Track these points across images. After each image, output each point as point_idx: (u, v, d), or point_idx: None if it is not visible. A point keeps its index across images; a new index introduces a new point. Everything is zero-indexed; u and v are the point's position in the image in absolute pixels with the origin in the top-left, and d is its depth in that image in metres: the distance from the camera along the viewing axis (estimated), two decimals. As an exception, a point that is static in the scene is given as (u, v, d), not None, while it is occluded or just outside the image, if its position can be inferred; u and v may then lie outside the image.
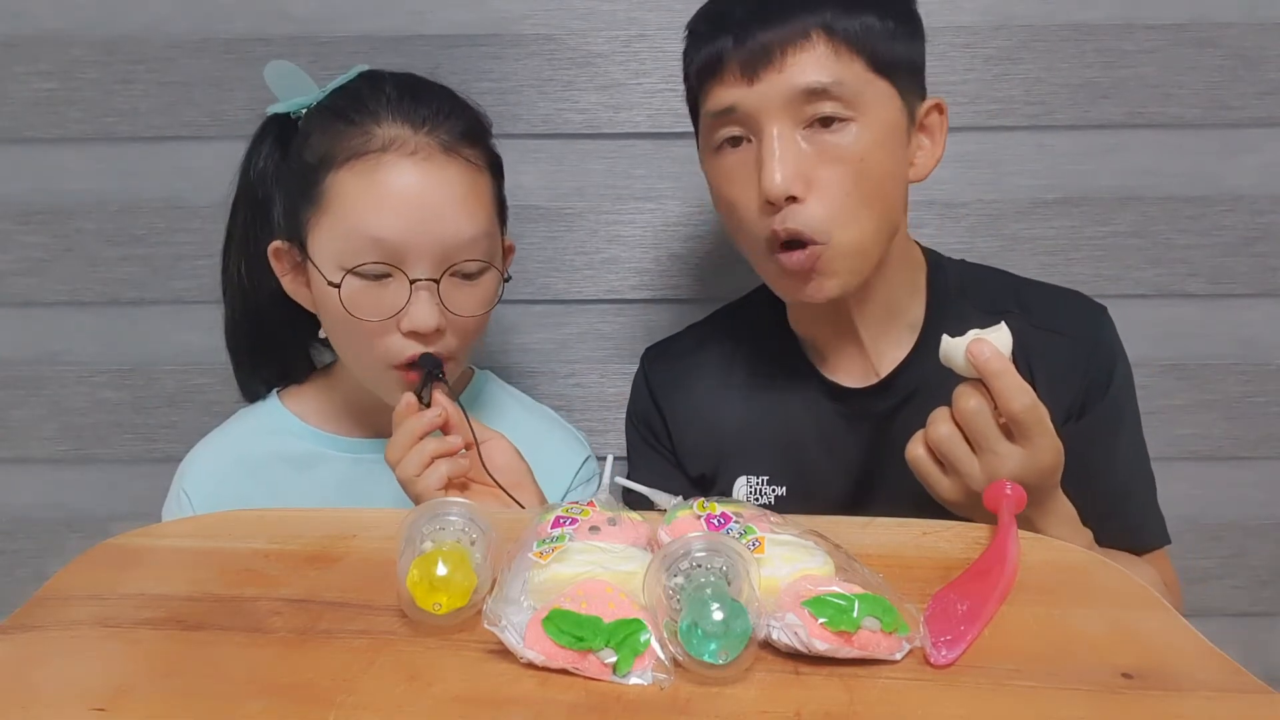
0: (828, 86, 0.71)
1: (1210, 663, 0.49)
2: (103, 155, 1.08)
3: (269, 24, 1.05)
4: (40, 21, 1.05)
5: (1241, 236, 1.08)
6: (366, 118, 0.77)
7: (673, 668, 0.47)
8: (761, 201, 0.73)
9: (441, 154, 0.77)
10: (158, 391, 1.13)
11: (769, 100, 0.71)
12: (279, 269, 0.84)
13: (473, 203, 0.79)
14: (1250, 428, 1.12)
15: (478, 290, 0.81)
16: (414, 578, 0.51)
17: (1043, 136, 1.06)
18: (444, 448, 0.73)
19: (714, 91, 0.75)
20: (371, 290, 0.76)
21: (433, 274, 0.76)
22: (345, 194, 0.76)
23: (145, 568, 0.59)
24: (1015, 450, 0.64)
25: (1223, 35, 1.04)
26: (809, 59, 0.71)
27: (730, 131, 0.75)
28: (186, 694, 0.47)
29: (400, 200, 0.75)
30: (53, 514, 1.16)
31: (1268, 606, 1.15)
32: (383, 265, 0.76)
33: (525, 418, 0.96)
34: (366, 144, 0.76)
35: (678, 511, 0.59)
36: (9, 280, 1.11)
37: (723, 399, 0.90)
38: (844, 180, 0.72)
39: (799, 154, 0.72)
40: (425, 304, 0.76)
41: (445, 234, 0.76)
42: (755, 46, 0.71)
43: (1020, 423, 0.63)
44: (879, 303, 0.81)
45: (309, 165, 0.78)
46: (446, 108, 0.80)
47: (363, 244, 0.75)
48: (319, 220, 0.78)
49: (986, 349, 0.63)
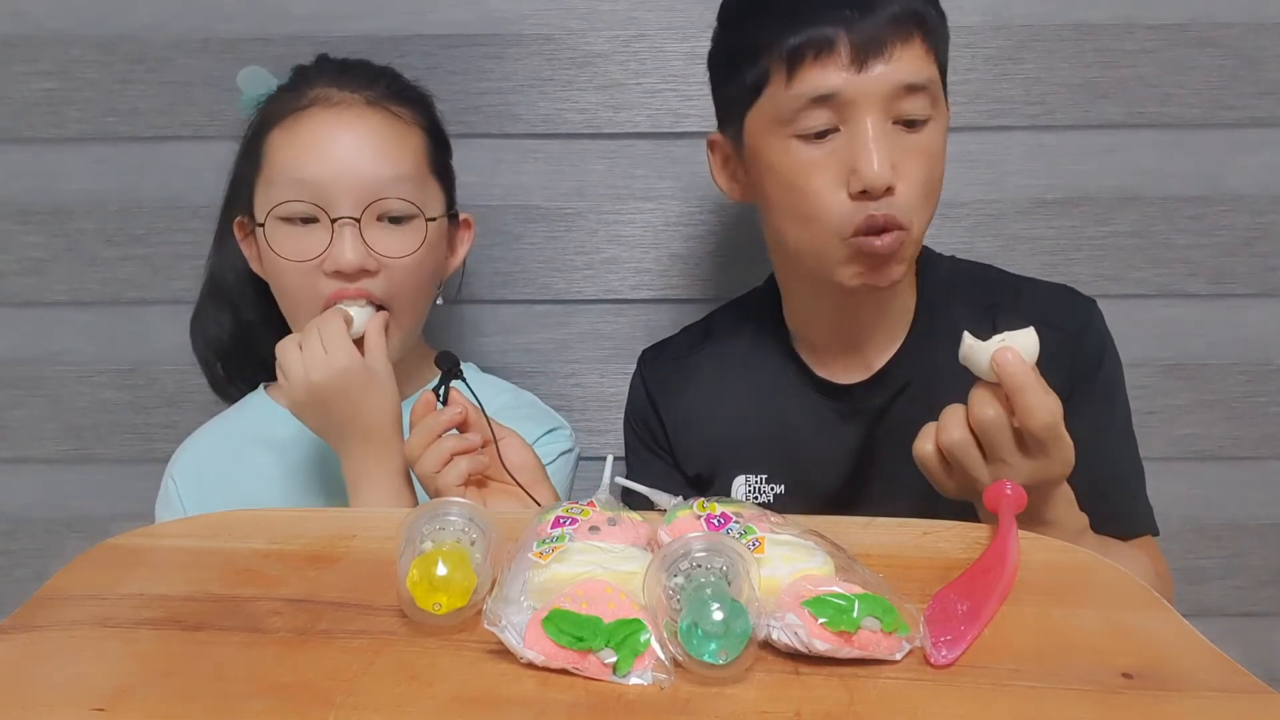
0: (925, 84, 0.73)
1: (1210, 663, 0.49)
2: (103, 155, 1.08)
3: (269, 24, 1.05)
4: (40, 21, 1.05)
5: (1241, 236, 1.08)
6: (302, 84, 0.84)
7: (673, 668, 0.47)
8: (855, 190, 0.73)
9: (364, 105, 0.83)
10: (157, 391, 1.13)
11: (874, 90, 0.72)
12: (243, 246, 0.88)
13: (394, 147, 0.83)
14: (1250, 428, 1.12)
15: (404, 234, 0.83)
16: (414, 578, 0.51)
17: (1043, 136, 1.06)
18: (463, 444, 0.73)
19: (812, 74, 0.72)
20: (298, 234, 0.81)
21: (353, 213, 0.80)
22: (275, 148, 0.82)
23: (145, 568, 0.59)
24: (1028, 463, 0.64)
25: (1223, 35, 1.04)
26: (911, 55, 0.72)
27: (821, 118, 0.73)
28: (186, 694, 0.47)
29: (320, 143, 0.81)
30: (53, 514, 1.16)
31: (1268, 606, 1.15)
32: (306, 205, 0.80)
33: (500, 392, 0.96)
34: (296, 102, 0.82)
35: (678, 511, 0.59)
36: (9, 280, 1.11)
37: (719, 399, 0.90)
38: (923, 174, 0.74)
39: (893, 146, 0.73)
40: (347, 240, 0.79)
41: (364, 172, 0.80)
42: (869, 33, 0.71)
43: (1039, 440, 0.63)
44: (880, 299, 0.82)
45: (252, 133, 0.84)
46: (377, 76, 0.85)
47: (287, 187, 0.80)
48: (259, 181, 0.83)
49: (1013, 360, 0.62)
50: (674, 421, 0.92)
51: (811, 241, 0.77)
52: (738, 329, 0.93)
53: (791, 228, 0.78)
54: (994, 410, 0.63)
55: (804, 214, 0.76)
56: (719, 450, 0.89)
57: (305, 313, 0.81)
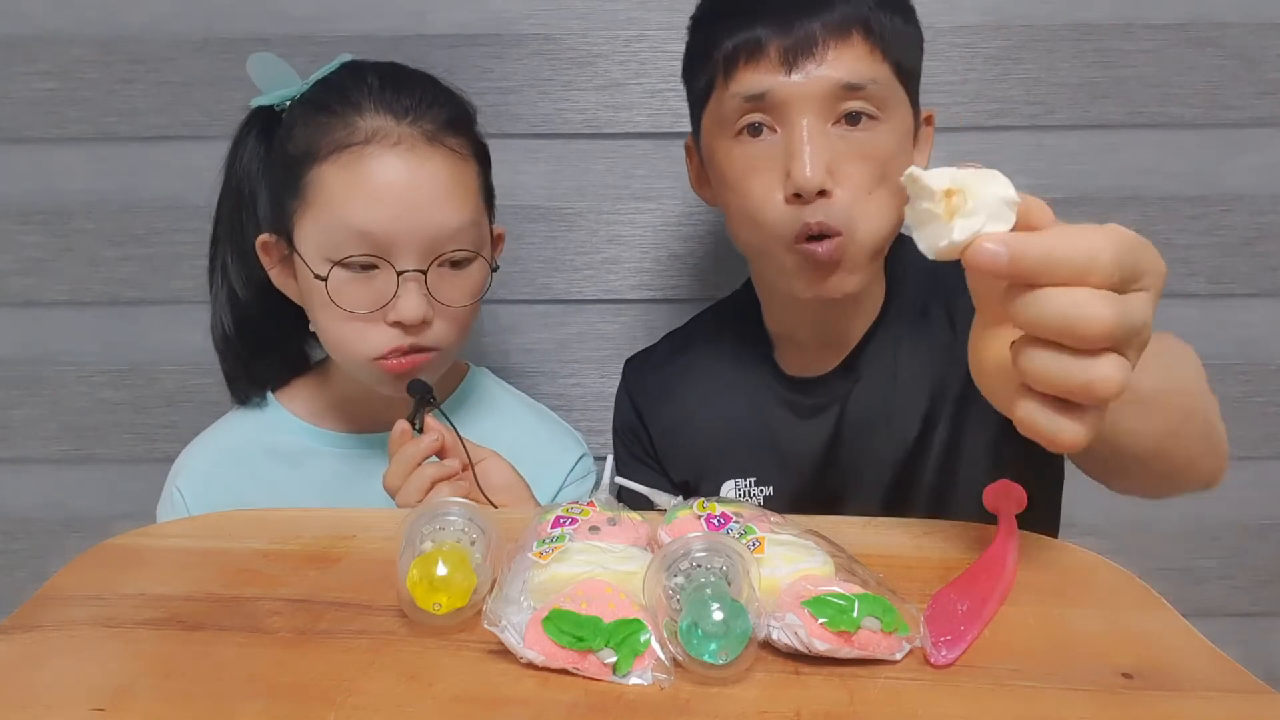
0: (865, 85, 0.71)
1: (1210, 663, 0.49)
2: (102, 155, 1.08)
3: (269, 24, 1.05)
4: (40, 21, 1.05)
5: (1241, 236, 1.08)
6: (349, 109, 0.77)
7: (673, 668, 0.47)
8: (789, 193, 0.72)
9: (425, 144, 0.78)
10: (157, 391, 1.13)
11: (805, 91, 0.71)
12: (267, 262, 0.84)
13: (458, 192, 0.79)
14: (1250, 428, 1.12)
15: (465, 280, 0.81)
16: (414, 578, 0.51)
17: (1043, 136, 1.06)
18: (443, 471, 0.73)
19: (746, 75, 0.73)
20: (358, 282, 0.77)
21: (420, 265, 0.77)
22: (329, 187, 0.76)
23: (145, 568, 0.59)
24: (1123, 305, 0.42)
25: (1223, 35, 1.04)
26: (849, 55, 0.71)
27: (754, 118, 0.73)
28: (186, 694, 0.47)
29: (384, 192, 0.76)
30: (52, 514, 1.16)
31: (1268, 606, 1.15)
32: (369, 257, 0.76)
33: (522, 413, 0.97)
34: (350, 136, 0.76)
35: (678, 511, 0.59)
36: (9, 280, 1.11)
37: (702, 404, 0.90)
38: (868, 178, 0.72)
39: (829, 148, 0.71)
40: (413, 295, 0.77)
41: (431, 225, 0.77)
42: (799, 35, 0.70)
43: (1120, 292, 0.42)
44: (857, 301, 0.82)
45: (293, 158, 0.79)
46: (429, 97, 0.80)
47: (348, 237, 0.76)
48: (304, 213, 0.78)
49: (992, 246, 0.42)
50: (659, 429, 0.92)
51: (760, 246, 0.77)
52: (718, 333, 0.92)
53: (742, 232, 0.79)
54: (1044, 353, 0.43)
55: (748, 216, 0.76)
56: (705, 456, 0.89)
57: (355, 355, 0.80)
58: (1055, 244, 0.41)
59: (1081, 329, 0.41)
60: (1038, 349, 0.43)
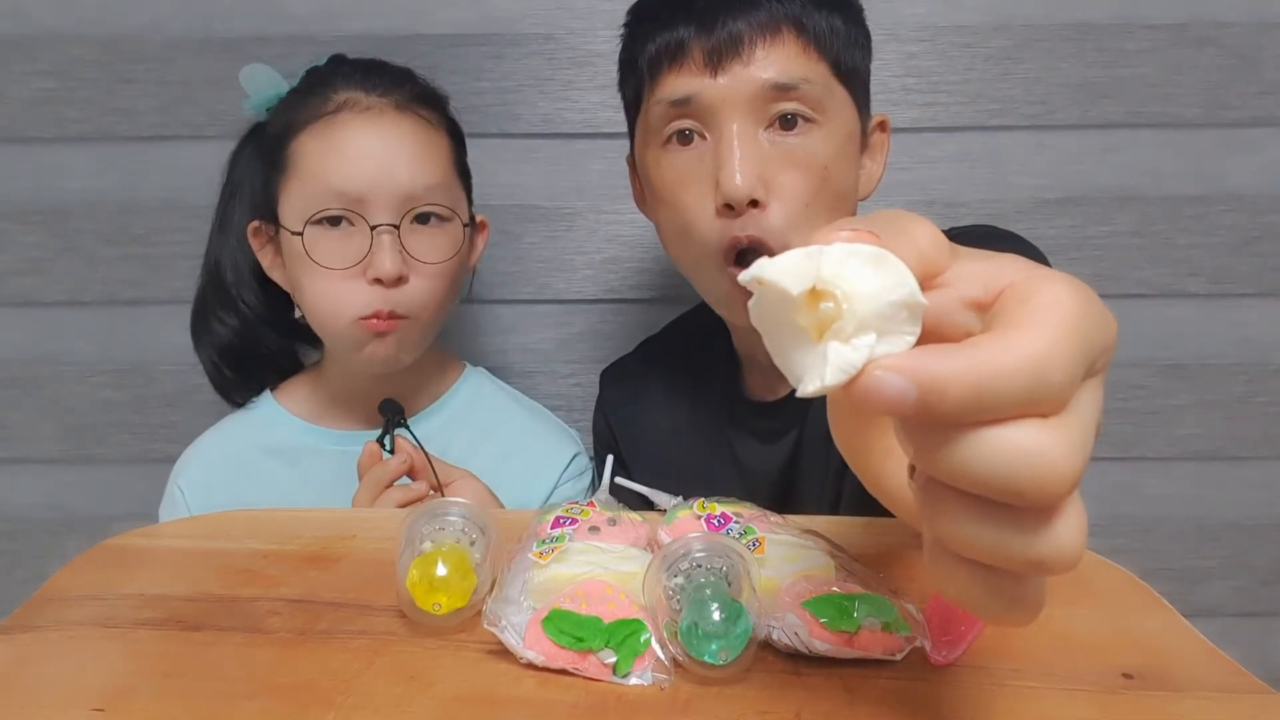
0: (796, 84, 0.67)
1: (1210, 663, 0.49)
2: (102, 155, 1.08)
3: (269, 24, 1.05)
4: (40, 21, 1.05)
5: (1241, 236, 1.08)
6: (325, 87, 0.82)
7: (673, 668, 0.47)
8: (719, 205, 0.67)
9: (394, 110, 0.82)
10: (157, 391, 1.13)
11: (733, 94, 0.67)
12: (257, 247, 0.86)
13: (429, 152, 0.83)
14: (1250, 428, 1.12)
15: (440, 236, 0.83)
16: (413, 578, 0.51)
17: (1043, 136, 1.06)
18: (410, 495, 0.73)
19: (669, 80, 0.69)
20: (334, 238, 0.80)
21: (392, 219, 0.79)
22: (306, 154, 0.80)
23: (144, 568, 0.59)
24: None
25: (1223, 35, 1.04)
26: (778, 54, 0.67)
27: (683, 124, 0.69)
28: (186, 694, 0.47)
29: (356, 152, 0.80)
30: (52, 514, 1.16)
31: (1268, 606, 1.15)
32: (343, 210, 0.79)
33: (518, 411, 0.97)
34: (323, 107, 0.81)
35: (678, 511, 0.59)
36: (9, 280, 1.11)
37: (667, 419, 0.88)
38: (806, 187, 0.68)
39: (761, 154, 0.67)
40: (387, 249, 0.79)
41: (401, 180, 0.80)
42: (723, 35, 0.67)
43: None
44: None
45: (274, 137, 0.83)
46: (401, 78, 0.85)
47: (325, 197, 0.79)
48: (286, 185, 0.82)
49: (892, 380, 0.27)
50: (627, 443, 0.91)
51: (693, 264, 0.73)
52: (687, 347, 0.90)
53: (673, 248, 0.75)
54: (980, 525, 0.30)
55: (679, 229, 0.72)
56: (666, 473, 0.87)
57: (337, 319, 0.81)
58: (985, 370, 0.26)
59: (1034, 491, 0.27)
60: (965, 510, 0.28)
